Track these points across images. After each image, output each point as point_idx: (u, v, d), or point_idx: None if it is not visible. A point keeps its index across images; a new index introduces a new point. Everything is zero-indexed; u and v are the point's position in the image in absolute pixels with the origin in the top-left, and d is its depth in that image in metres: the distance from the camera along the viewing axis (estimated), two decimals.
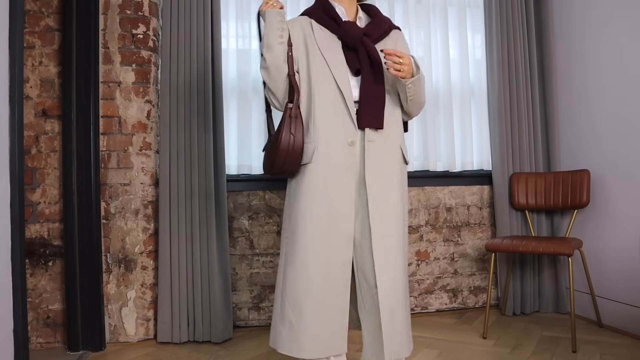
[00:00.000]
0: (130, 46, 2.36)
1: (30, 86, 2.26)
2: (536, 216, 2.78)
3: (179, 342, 2.29)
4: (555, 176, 2.64)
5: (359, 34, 1.55)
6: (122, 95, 2.35)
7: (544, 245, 2.20)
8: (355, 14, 1.67)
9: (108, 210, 2.31)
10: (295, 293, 1.53)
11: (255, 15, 1.64)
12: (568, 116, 2.76)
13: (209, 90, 2.36)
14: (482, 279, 2.87)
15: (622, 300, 2.35)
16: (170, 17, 2.36)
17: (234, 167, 2.60)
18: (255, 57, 2.65)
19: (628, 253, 2.32)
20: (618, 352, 2.07)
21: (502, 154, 2.76)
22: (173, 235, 2.31)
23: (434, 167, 2.82)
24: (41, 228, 2.25)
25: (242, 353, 2.16)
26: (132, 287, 2.32)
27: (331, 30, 1.60)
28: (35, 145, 2.26)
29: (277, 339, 1.57)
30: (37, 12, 2.27)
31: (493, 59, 2.80)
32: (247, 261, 2.58)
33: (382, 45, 1.61)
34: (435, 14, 2.87)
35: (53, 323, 2.24)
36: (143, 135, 2.36)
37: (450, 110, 2.84)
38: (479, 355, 2.09)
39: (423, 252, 2.79)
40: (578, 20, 2.67)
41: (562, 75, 2.81)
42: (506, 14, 2.80)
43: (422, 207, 2.80)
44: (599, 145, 2.52)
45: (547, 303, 2.75)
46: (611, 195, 2.44)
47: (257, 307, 2.58)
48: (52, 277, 2.24)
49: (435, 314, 2.76)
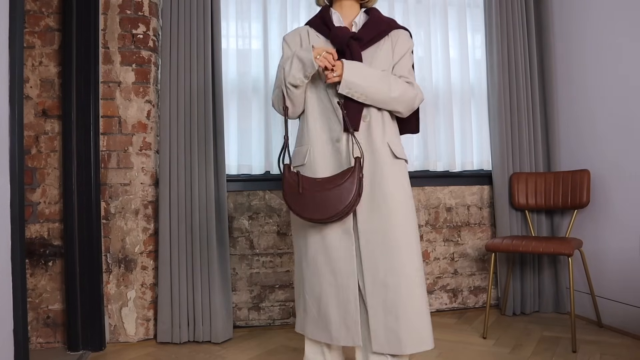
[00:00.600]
0: (130, 46, 2.36)
1: (30, 86, 2.26)
2: (536, 216, 2.78)
3: (179, 342, 2.29)
4: (555, 176, 2.64)
5: (346, 37, 1.58)
6: (122, 95, 2.35)
7: (544, 245, 2.20)
8: (353, 18, 1.69)
9: (108, 210, 2.31)
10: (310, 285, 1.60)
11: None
12: (568, 116, 2.76)
13: (209, 90, 2.36)
14: (482, 279, 2.87)
15: (622, 300, 2.35)
16: (170, 17, 2.36)
17: (234, 167, 2.60)
18: (255, 57, 2.65)
19: (628, 253, 2.32)
20: (618, 352, 2.07)
21: (502, 154, 2.76)
22: (173, 235, 2.31)
23: (434, 167, 2.82)
24: (41, 228, 2.25)
25: (242, 353, 2.16)
26: (132, 287, 2.32)
27: (325, 36, 1.65)
28: (35, 145, 2.26)
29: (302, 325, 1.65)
30: (37, 12, 2.27)
31: (493, 59, 2.80)
32: (247, 261, 2.58)
33: (377, 47, 1.63)
34: (435, 14, 2.87)
35: (53, 323, 2.24)
36: (143, 135, 2.36)
37: (450, 111, 2.84)
38: (479, 355, 2.09)
39: (423, 252, 2.79)
40: (578, 20, 2.67)
41: (562, 75, 2.81)
42: (506, 14, 2.80)
43: (422, 207, 2.80)
44: (599, 145, 2.52)
45: (547, 303, 2.75)
46: (611, 195, 2.44)
47: (257, 307, 2.58)
48: (52, 277, 2.24)
49: (435, 314, 2.75)
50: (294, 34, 1.71)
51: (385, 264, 1.49)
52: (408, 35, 1.71)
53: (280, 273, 2.60)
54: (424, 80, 2.81)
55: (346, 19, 1.68)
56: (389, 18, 1.72)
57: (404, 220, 1.53)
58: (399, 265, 1.49)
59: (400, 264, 1.49)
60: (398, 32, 1.68)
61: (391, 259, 1.49)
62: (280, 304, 2.59)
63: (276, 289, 2.60)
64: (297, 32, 1.72)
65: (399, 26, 1.71)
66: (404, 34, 1.70)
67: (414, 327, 1.48)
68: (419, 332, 1.49)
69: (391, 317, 1.48)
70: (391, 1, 2.78)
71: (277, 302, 2.59)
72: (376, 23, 1.66)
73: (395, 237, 1.50)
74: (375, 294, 1.50)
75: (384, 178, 1.53)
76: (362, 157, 1.49)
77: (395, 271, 1.49)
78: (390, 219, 1.51)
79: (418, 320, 1.49)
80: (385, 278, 1.49)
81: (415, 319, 1.48)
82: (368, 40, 1.62)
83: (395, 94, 1.57)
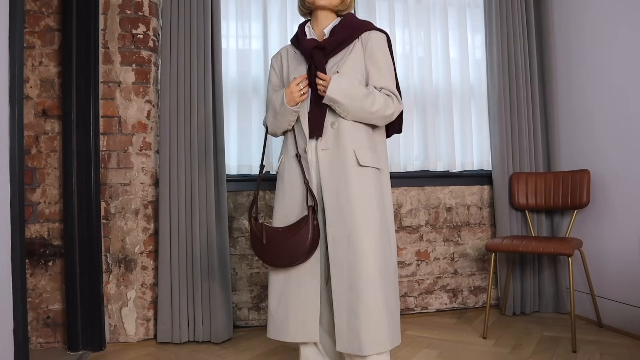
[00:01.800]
0: (130, 46, 2.36)
1: (30, 86, 2.26)
2: (536, 216, 2.78)
3: (179, 342, 2.29)
4: (555, 176, 2.64)
5: (309, 48, 1.62)
6: (122, 95, 2.35)
7: (544, 245, 2.20)
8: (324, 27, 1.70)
9: (108, 210, 2.31)
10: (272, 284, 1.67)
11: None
12: (568, 116, 2.76)
13: (209, 90, 2.36)
14: (482, 279, 2.87)
15: (622, 300, 2.35)
16: (170, 17, 2.36)
17: (234, 167, 2.60)
18: (255, 57, 2.65)
19: (628, 253, 2.32)
20: (618, 352, 2.07)
21: (502, 154, 2.76)
22: (173, 235, 2.31)
23: (434, 167, 2.82)
24: (41, 228, 2.25)
25: (242, 353, 2.16)
26: (132, 287, 2.32)
27: (299, 50, 1.71)
28: (35, 145, 2.26)
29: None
30: (37, 12, 2.27)
31: (493, 59, 2.80)
32: (247, 261, 2.58)
33: (345, 52, 1.64)
34: (435, 14, 2.87)
35: (53, 323, 2.24)
36: (143, 135, 2.36)
37: (450, 110, 2.84)
38: (479, 355, 2.09)
39: (423, 252, 2.79)
40: (578, 20, 2.67)
41: (562, 75, 2.81)
42: (506, 14, 2.80)
43: (422, 207, 2.80)
44: (599, 145, 2.52)
45: (547, 303, 2.75)
46: (611, 196, 2.44)
47: (257, 307, 2.58)
48: (52, 277, 2.25)
49: (435, 314, 2.76)
50: (277, 55, 1.81)
51: (349, 267, 1.53)
52: (380, 34, 1.67)
53: None
54: (424, 80, 2.81)
55: (317, 29, 1.71)
56: (362, 21, 1.70)
57: (366, 225, 1.54)
58: (362, 267, 1.51)
59: (363, 267, 1.51)
60: (369, 34, 1.65)
61: (354, 262, 1.52)
62: None
63: None
64: (279, 53, 1.81)
65: (373, 27, 1.68)
66: (376, 34, 1.65)
67: (373, 328, 1.50)
68: (377, 334, 1.51)
69: (353, 318, 1.51)
70: (391, 1, 2.79)
71: None
72: (343, 28, 1.65)
73: (359, 241, 1.52)
74: (340, 296, 1.54)
75: (347, 185, 1.56)
76: (315, 204, 1.56)
77: (358, 274, 1.51)
78: (355, 224, 1.53)
79: (377, 322, 1.51)
80: (349, 280, 1.52)
81: (375, 320, 1.50)
82: (334, 47, 1.62)
83: (375, 110, 1.59)
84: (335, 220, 1.56)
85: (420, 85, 2.82)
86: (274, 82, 1.79)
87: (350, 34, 1.64)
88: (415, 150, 2.82)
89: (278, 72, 1.78)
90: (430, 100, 2.81)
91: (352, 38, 1.64)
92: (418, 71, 2.82)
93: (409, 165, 2.79)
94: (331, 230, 1.56)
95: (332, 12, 1.70)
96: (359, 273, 1.51)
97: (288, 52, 1.76)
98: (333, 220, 1.56)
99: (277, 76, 1.78)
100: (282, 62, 1.76)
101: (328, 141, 1.59)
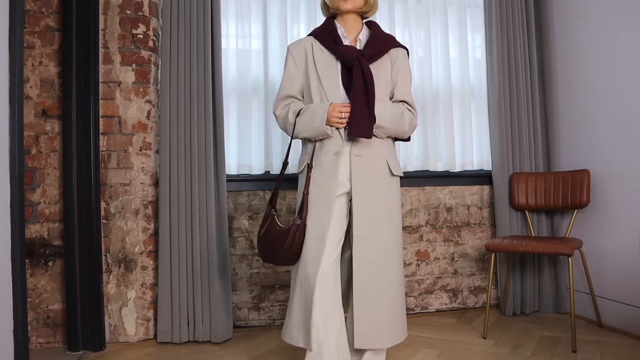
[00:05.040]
0: (130, 46, 2.36)
1: (30, 86, 2.26)
2: (536, 216, 2.78)
3: (179, 342, 2.29)
4: (555, 176, 2.65)
5: (355, 54, 1.66)
6: (122, 95, 2.35)
7: (544, 245, 2.20)
8: (357, 34, 1.77)
9: (108, 210, 2.31)
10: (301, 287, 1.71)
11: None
12: (568, 116, 2.76)
13: (209, 90, 2.36)
14: (482, 279, 2.87)
15: (622, 300, 2.35)
16: (170, 17, 2.36)
17: (234, 167, 2.60)
18: (255, 57, 2.65)
19: (628, 253, 2.32)
20: (618, 352, 2.07)
21: (502, 154, 2.76)
22: (173, 235, 2.31)
23: (434, 167, 2.82)
24: (41, 228, 2.25)
25: (242, 353, 2.16)
26: (132, 287, 2.32)
27: (330, 50, 1.73)
28: (35, 145, 2.26)
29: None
30: (37, 12, 2.27)
31: (493, 59, 2.80)
32: (247, 261, 2.58)
33: (377, 64, 1.72)
34: (435, 14, 2.87)
35: (53, 323, 2.24)
36: (143, 135, 2.36)
37: (450, 110, 2.84)
38: (479, 355, 2.09)
39: (423, 252, 2.79)
40: (578, 20, 2.67)
41: (562, 75, 2.81)
42: (506, 14, 2.80)
43: (422, 207, 2.80)
44: (599, 145, 2.52)
45: (547, 303, 2.75)
46: (611, 196, 2.44)
47: (257, 307, 2.58)
48: (52, 277, 2.25)
49: (435, 314, 2.76)
50: (299, 45, 1.79)
51: (373, 267, 1.64)
52: (405, 53, 1.83)
53: (280, 273, 2.60)
54: (423, 80, 2.81)
55: (350, 34, 1.76)
56: (388, 34, 1.82)
57: (392, 230, 1.71)
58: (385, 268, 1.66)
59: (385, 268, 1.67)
60: (397, 51, 1.79)
61: (378, 263, 1.66)
62: (280, 304, 2.59)
63: (276, 289, 2.60)
64: (301, 44, 1.80)
65: (398, 44, 1.81)
66: (402, 52, 1.81)
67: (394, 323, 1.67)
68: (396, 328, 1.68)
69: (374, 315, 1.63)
70: (391, 1, 2.78)
71: (277, 302, 2.59)
72: (376, 40, 1.75)
73: (384, 245, 1.68)
74: (363, 295, 1.63)
75: (379, 193, 1.68)
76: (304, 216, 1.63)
77: (381, 274, 1.66)
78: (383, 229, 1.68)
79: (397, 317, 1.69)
80: (371, 279, 1.64)
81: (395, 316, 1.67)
82: (370, 57, 1.70)
83: (407, 130, 1.75)
84: (364, 223, 1.66)
85: (420, 85, 2.82)
86: (292, 73, 1.79)
87: (382, 48, 1.74)
88: (415, 150, 2.82)
89: (298, 64, 1.78)
90: (430, 100, 2.81)
91: (384, 52, 1.75)
92: (418, 71, 2.82)
93: (409, 165, 2.80)
94: (358, 232, 1.65)
95: (357, 15, 1.78)
96: (381, 273, 1.65)
97: (313, 47, 1.76)
98: (361, 222, 1.65)
99: (296, 67, 1.78)
100: (306, 55, 1.77)
101: (361, 148, 1.67)
